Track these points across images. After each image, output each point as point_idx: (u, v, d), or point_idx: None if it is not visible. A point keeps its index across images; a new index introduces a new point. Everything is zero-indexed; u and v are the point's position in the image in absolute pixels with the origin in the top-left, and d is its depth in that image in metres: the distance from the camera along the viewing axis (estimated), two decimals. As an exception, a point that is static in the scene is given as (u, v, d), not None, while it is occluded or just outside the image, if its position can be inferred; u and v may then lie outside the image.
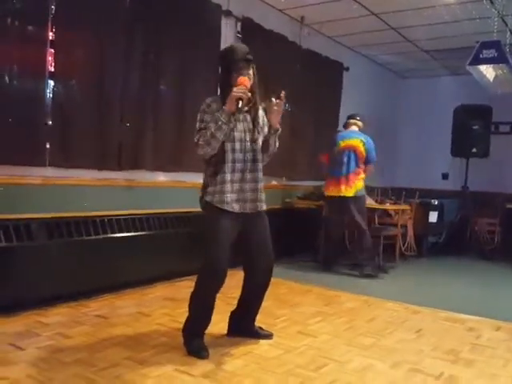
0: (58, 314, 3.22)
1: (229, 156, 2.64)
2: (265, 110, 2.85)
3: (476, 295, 4.58)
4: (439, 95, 8.25)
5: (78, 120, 3.73)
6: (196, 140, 2.61)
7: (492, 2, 5.08)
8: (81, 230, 3.60)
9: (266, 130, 2.83)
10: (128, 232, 3.92)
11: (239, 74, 2.61)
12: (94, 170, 3.90)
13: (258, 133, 2.76)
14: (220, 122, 2.53)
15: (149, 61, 4.24)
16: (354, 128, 5.38)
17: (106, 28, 3.87)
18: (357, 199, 5.12)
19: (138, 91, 4.17)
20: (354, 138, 5.24)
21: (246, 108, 2.72)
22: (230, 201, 2.64)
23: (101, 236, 3.72)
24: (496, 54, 5.05)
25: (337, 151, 5.23)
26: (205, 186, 2.73)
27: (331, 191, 5.21)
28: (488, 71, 5.33)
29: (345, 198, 5.10)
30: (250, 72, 2.67)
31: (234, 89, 2.55)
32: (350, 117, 5.49)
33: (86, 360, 2.49)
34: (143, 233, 4.03)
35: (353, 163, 5.16)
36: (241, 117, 2.70)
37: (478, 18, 5.53)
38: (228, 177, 2.64)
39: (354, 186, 5.12)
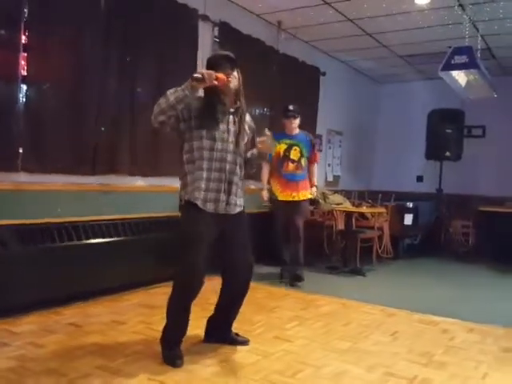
0: (29, 323, 3.15)
1: (206, 154, 2.63)
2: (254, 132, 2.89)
3: (450, 297, 4.65)
4: (414, 100, 8.39)
5: (51, 124, 3.68)
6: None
7: (463, 9, 5.19)
8: (54, 237, 3.53)
9: (250, 136, 2.84)
10: (103, 238, 3.86)
11: (221, 71, 2.60)
12: (68, 175, 3.84)
13: (242, 137, 2.76)
14: (179, 88, 2.52)
15: (125, 64, 4.20)
16: None
17: (80, 31, 3.82)
18: None
19: (114, 95, 4.13)
20: None
21: (232, 110, 2.72)
22: (204, 198, 2.62)
23: (75, 242, 3.65)
24: (467, 60, 5.15)
25: None
26: (182, 187, 2.72)
27: None
28: (460, 77, 5.43)
29: None
30: (235, 73, 2.67)
31: (203, 70, 2.55)
32: None
33: (58, 370, 2.43)
34: (118, 239, 3.98)
35: None
36: (225, 118, 2.70)
37: (450, 24, 5.65)
38: (204, 174, 2.62)
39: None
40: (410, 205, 6.86)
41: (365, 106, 8.51)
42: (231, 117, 2.73)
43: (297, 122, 4.88)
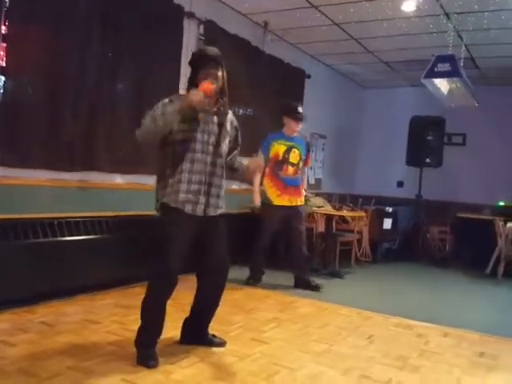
0: (1, 321, 3.06)
1: (187, 156, 2.60)
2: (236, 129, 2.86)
3: (426, 301, 4.70)
4: (397, 106, 8.47)
5: (29, 118, 3.59)
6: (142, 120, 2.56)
7: (448, 17, 5.25)
8: (28, 233, 3.44)
9: (233, 134, 2.82)
10: (79, 235, 3.79)
11: (205, 73, 2.58)
12: (46, 170, 3.75)
13: (224, 137, 2.73)
14: (167, 110, 2.49)
15: (106, 59, 4.13)
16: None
17: (62, 24, 3.73)
18: None
19: (95, 90, 4.05)
20: None
21: (214, 110, 2.69)
22: (184, 200, 2.59)
23: (50, 239, 3.57)
24: (450, 68, 5.23)
25: None
26: (159, 187, 2.68)
27: None
28: (442, 84, 5.50)
29: None
30: (219, 74, 2.64)
31: (193, 91, 2.51)
32: None
33: (29, 369, 2.38)
34: (95, 236, 3.90)
35: None
36: (207, 119, 2.66)
37: (434, 32, 5.71)
38: (184, 177, 2.59)
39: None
40: (390, 209, 6.93)
41: (348, 110, 8.55)
42: (213, 117, 2.70)
43: (301, 126, 4.78)
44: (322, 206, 5.81)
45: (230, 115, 2.83)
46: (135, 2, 4.31)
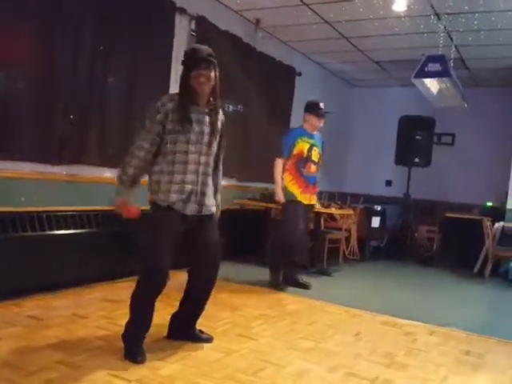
0: (-13, 315, 3.05)
1: (180, 156, 2.59)
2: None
3: (413, 300, 4.74)
4: (387, 105, 8.52)
5: (17, 110, 3.56)
6: (134, 141, 2.62)
7: (439, 18, 5.29)
8: (17, 226, 3.42)
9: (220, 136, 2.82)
10: (67, 229, 3.77)
11: (197, 73, 2.57)
12: (33, 163, 3.73)
13: (215, 137, 2.73)
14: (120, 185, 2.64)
15: (97, 53, 4.11)
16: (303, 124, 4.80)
17: (52, 17, 3.71)
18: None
19: (85, 83, 4.03)
20: None
21: (207, 110, 2.69)
22: (176, 199, 2.59)
23: (38, 233, 3.55)
24: (440, 68, 5.26)
25: None
26: (152, 182, 2.68)
27: None
28: (432, 84, 5.54)
29: None
30: (211, 74, 2.63)
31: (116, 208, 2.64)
32: None
33: (15, 363, 2.36)
34: (83, 230, 3.89)
35: None
36: (199, 118, 2.65)
37: (425, 32, 5.76)
38: (176, 177, 2.59)
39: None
40: (378, 208, 6.98)
41: (338, 108, 8.53)
42: (205, 117, 2.69)
43: (323, 122, 4.64)
44: (311, 204, 5.81)
45: (221, 115, 2.83)
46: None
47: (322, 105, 4.61)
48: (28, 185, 3.67)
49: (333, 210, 5.95)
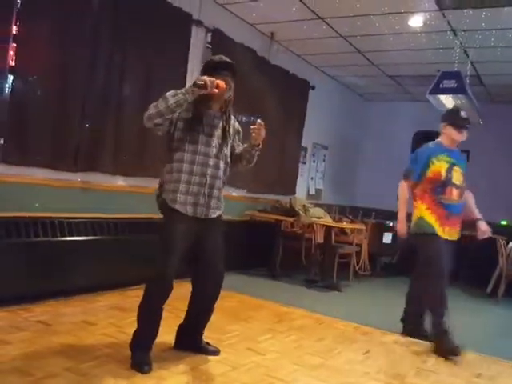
0: (-4, 319, 3.07)
1: (188, 157, 2.62)
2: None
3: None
4: (400, 120, 8.48)
5: (35, 117, 3.62)
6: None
7: (455, 34, 5.28)
8: (29, 232, 3.45)
9: (236, 140, 2.85)
10: (79, 236, 3.79)
11: (221, 76, 2.58)
12: (49, 170, 3.78)
13: (227, 142, 2.75)
14: (178, 91, 2.50)
15: (114, 62, 4.17)
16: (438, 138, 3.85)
17: (72, 26, 3.77)
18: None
19: (102, 92, 4.09)
20: None
21: (219, 114, 2.72)
22: (183, 202, 2.60)
23: (50, 239, 3.58)
24: (456, 85, 5.23)
25: None
26: (161, 184, 2.71)
27: None
28: (447, 101, 5.51)
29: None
30: (232, 82, 2.67)
31: (206, 78, 2.50)
32: None
33: (24, 368, 2.37)
34: (95, 237, 3.91)
35: None
36: (211, 122, 2.69)
37: (441, 48, 5.74)
38: (184, 177, 2.61)
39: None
40: (391, 223, 6.90)
41: (351, 122, 8.57)
42: (216, 121, 2.72)
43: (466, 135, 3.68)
44: (322, 217, 5.80)
45: (233, 120, 2.85)
46: (145, 8, 4.34)
47: (463, 113, 3.69)
48: (43, 190, 3.71)
49: (344, 225, 5.92)
